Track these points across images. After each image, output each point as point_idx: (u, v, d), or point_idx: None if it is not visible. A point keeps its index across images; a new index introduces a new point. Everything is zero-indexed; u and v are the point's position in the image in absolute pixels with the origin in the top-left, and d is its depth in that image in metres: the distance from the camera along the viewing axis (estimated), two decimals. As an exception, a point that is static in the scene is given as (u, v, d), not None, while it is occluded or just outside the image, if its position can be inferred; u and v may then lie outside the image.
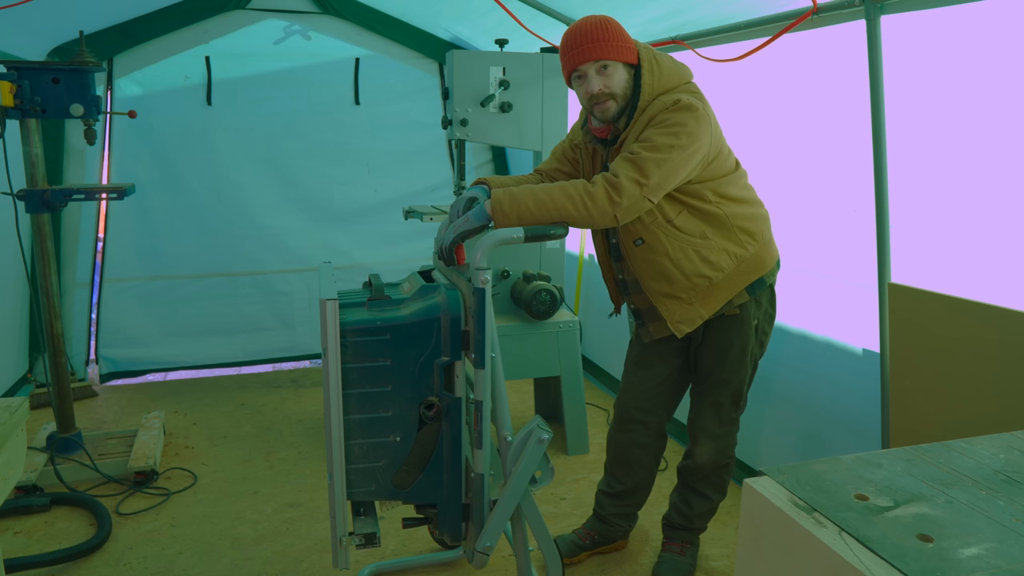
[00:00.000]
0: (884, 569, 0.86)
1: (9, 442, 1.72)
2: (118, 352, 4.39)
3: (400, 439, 1.89)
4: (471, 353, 1.87)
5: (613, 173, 1.93)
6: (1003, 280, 2.01)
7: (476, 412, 1.89)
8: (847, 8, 2.30)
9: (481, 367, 1.86)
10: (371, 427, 1.85)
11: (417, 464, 1.92)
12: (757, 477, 1.07)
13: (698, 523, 2.48)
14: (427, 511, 2.02)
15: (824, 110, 2.59)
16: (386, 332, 1.83)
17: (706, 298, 2.16)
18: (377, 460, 1.88)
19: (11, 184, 2.95)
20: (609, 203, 1.90)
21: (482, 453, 1.91)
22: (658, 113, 1.99)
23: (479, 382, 1.87)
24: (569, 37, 2.07)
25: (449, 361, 1.87)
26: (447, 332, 1.85)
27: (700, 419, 2.37)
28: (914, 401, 2.18)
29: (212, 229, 4.46)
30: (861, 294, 2.47)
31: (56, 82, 2.87)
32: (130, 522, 2.84)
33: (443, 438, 1.91)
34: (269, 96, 4.44)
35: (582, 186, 1.92)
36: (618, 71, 2.05)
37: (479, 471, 1.92)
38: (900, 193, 2.29)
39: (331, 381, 1.77)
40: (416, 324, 1.84)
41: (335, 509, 1.84)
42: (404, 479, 1.92)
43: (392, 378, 1.84)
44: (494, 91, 3.30)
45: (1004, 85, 1.99)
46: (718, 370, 2.29)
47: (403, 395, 1.87)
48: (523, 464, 1.90)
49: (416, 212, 3.35)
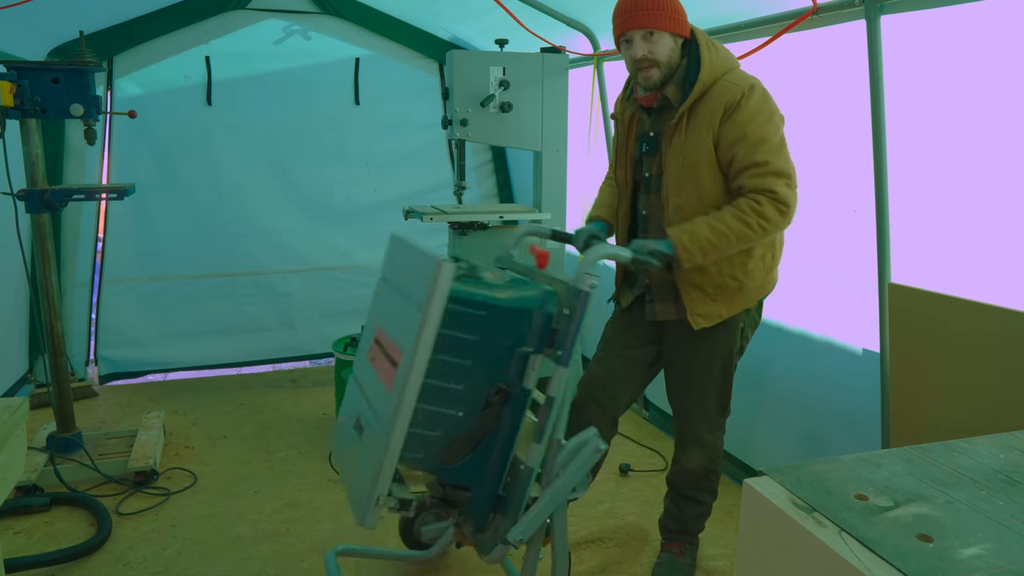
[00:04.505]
0: (884, 569, 0.86)
1: (9, 442, 1.72)
2: (117, 353, 4.39)
3: (463, 415, 1.90)
4: (555, 350, 1.90)
5: (766, 188, 2.02)
6: (1003, 280, 2.01)
7: (545, 407, 1.91)
8: (847, 8, 2.30)
9: (565, 365, 1.89)
10: (440, 395, 1.86)
11: (468, 444, 1.92)
12: (757, 477, 1.07)
13: (693, 526, 2.49)
14: (458, 494, 2.00)
15: (824, 110, 2.59)
16: (484, 309, 1.87)
17: (730, 299, 2.20)
18: (434, 429, 1.88)
19: (11, 184, 2.95)
20: (782, 216, 2.04)
21: (539, 448, 1.92)
22: (740, 102, 2.04)
23: (558, 380, 1.90)
24: (622, 2, 2.11)
25: (531, 353, 1.90)
26: (537, 326, 1.90)
27: (691, 428, 2.36)
28: (914, 401, 2.18)
29: (212, 229, 4.46)
30: (861, 294, 2.47)
31: (56, 82, 2.87)
32: (130, 522, 2.84)
33: (500, 425, 1.92)
34: (269, 96, 4.44)
35: (749, 208, 2.03)
36: (664, 39, 2.08)
37: (531, 465, 1.92)
38: (900, 193, 2.29)
39: (423, 339, 1.75)
40: (512, 310, 1.89)
41: (382, 466, 1.79)
42: (453, 455, 1.92)
43: (474, 354, 1.87)
44: (494, 91, 3.30)
45: (1004, 85, 1.99)
46: (706, 378, 2.29)
47: (479, 373, 1.89)
48: (574, 469, 1.93)
49: (416, 212, 3.35)
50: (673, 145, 2.14)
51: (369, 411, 1.91)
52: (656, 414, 3.80)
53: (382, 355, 1.93)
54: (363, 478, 1.84)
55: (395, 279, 2.01)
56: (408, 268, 1.93)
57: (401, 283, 1.95)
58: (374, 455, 1.81)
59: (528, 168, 4.06)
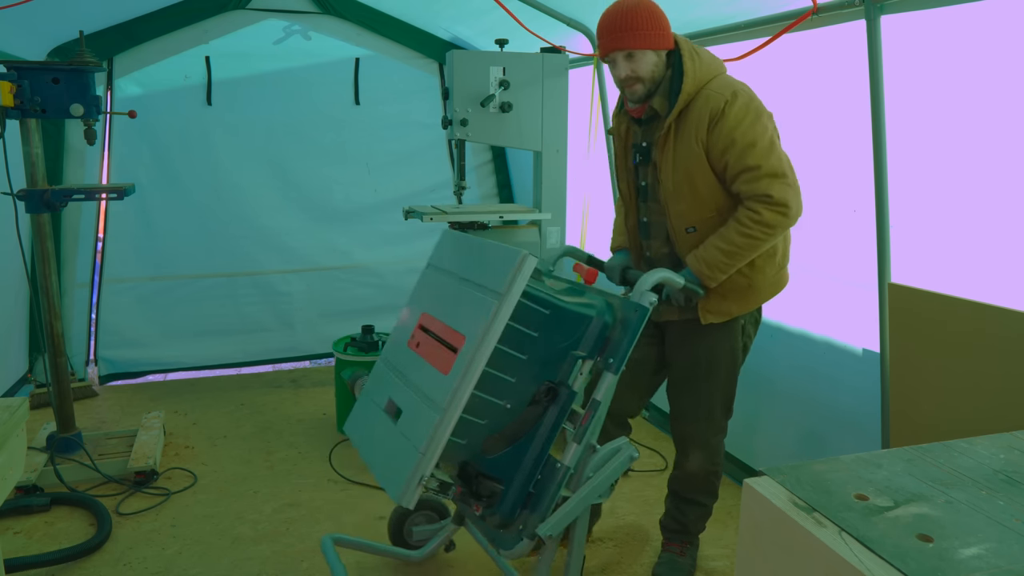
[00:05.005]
0: (884, 569, 0.86)
1: (9, 442, 1.72)
2: (117, 354, 4.39)
3: (510, 407, 1.96)
4: (606, 358, 1.95)
5: (761, 193, 2.07)
6: (1003, 280, 2.01)
7: (589, 410, 1.95)
8: (847, 8, 2.30)
9: (615, 373, 1.94)
10: (493, 384, 1.91)
11: (510, 437, 1.97)
12: (757, 477, 1.07)
13: (694, 527, 2.51)
14: (489, 485, 2.01)
15: (824, 110, 2.59)
16: (548, 308, 1.96)
17: (742, 297, 2.23)
18: (482, 417, 1.93)
19: (11, 184, 2.95)
20: (784, 216, 2.09)
21: (579, 449, 1.95)
22: (724, 109, 2.07)
23: (606, 385, 1.95)
24: (601, 23, 2.17)
25: (583, 357, 1.96)
26: (594, 332, 1.97)
27: (694, 431, 2.37)
28: (914, 401, 2.18)
29: (212, 229, 4.46)
30: (861, 294, 2.47)
31: (56, 82, 2.87)
32: (130, 522, 2.84)
33: (542, 424, 1.96)
34: (269, 96, 4.44)
35: (749, 220, 2.08)
36: (646, 56, 2.14)
37: (569, 464, 1.95)
38: (900, 193, 2.29)
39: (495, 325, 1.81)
40: (575, 315, 2.00)
41: (431, 446, 1.81)
42: (493, 445, 1.98)
43: (531, 350, 1.95)
44: (494, 91, 3.30)
45: (1004, 85, 1.99)
46: (709, 377, 2.31)
47: (532, 369, 1.97)
48: (608, 472, 1.96)
49: (416, 212, 3.35)
50: (665, 155, 2.19)
51: (412, 394, 1.96)
52: (656, 414, 3.80)
53: (432, 341, 1.99)
54: (402, 458, 1.87)
55: (458, 269, 2.07)
56: (480, 259, 1.99)
57: (469, 273, 2.00)
58: (419, 435, 1.84)
59: (528, 168, 4.06)
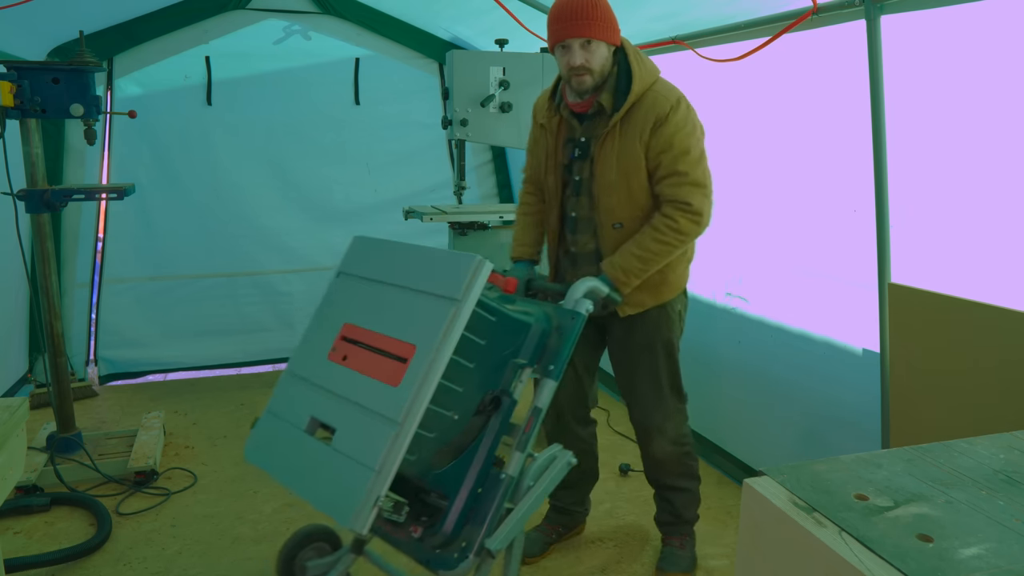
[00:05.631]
0: (884, 569, 0.86)
1: (9, 442, 1.72)
2: (117, 354, 4.38)
3: (457, 418, 1.90)
4: (546, 365, 1.98)
5: (681, 200, 2.18)
6: (1003, 280, 2.01)
7: (531, 417, 1.96)
8: (847, 8, 2.30)
9: (556, 379, 1.97)
10: (444, 395, 1.83)
11: (455, 450, 1.93)
12: (757, 477, 1.07)
13: (686, 515, 2.55)
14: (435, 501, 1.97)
15: (824, 110, 2.59)
16: (495, 315, 1.92)
17: (655, 290, 2.34)
18: (431, 430, 1.84)
19: (11, 184, 2.94)
20: (696, 225, 2.21)
21: (522, 457, 1.95)
22: (669, 114, 2.17)
23: (545, 391, 1.98)
24: (561, 9, 2.18)
25: (524, 365, 1.97)
26: (533, 340, 2.00)
27: (648, 417, 2.44)
28: (914, 401, 2.18)
29: (212, 229, 4.45)
30: (861, 294, 2.47)
31: (56, 82, 2.87)
32: (130, 522, 2.84)
33: (485, 433, 1.95)
34: (269, 96, 4.44)
35: (665, 227, 2.19)
36: (600, 48, 2.19)
37: (512, 474, 1.94)
38: (900, 193, 2.29)
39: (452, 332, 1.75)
40: (515, 321, 1.99)
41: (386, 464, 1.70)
42: (441, 459, 1.92)
43: (478, 358, 1.90)
44: (494, 91, 3.30)
45: (1004, 85, 1.98)
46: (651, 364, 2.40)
47: (479, 377, 1.93)
48: (549, 480, 1.97)
49: (416, 212, 3.35)
50: (605, 150, 2.25)
51: (350, 410, 1.83)
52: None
53: (367, 352, 1.87)
54: (349, 478, 1.74)
55: (390, 277, 1.97)
56: (425, 265, 1.92)
57: (409, 280, 1.92)
58: (370, 453, 1.73)
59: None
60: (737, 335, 3.12)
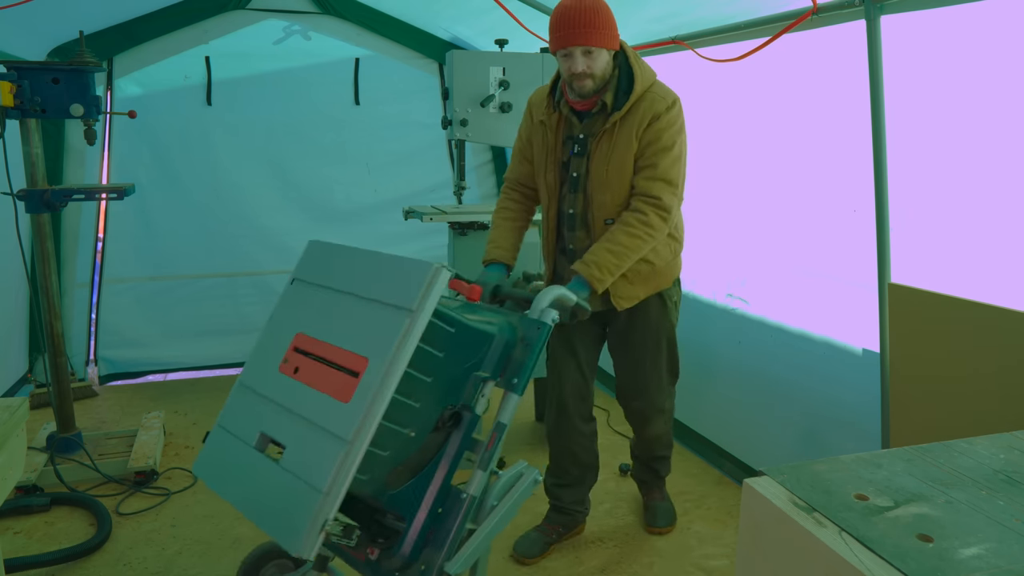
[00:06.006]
0: (884, 569, 0.86)
1: (9, 442, 1.72)
2: (117, 354, 4.38)
3: (414, 435, 1.79)
4: (509, 378, 1.90)
5: (653, 195, 2.27)
6: (1003, 280, 2.01)
7: (495, 433, 1.87)
8: (847, 8, 2.30)
9: (519, 394, 1.89)
10: (398, 411, 1.72)
11: (412, 468, 1.83)
12: (757, 477, 1.07)
13: (664, 473, 2.82)
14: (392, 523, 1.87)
15: (824, 110, 2.59)
16: (453, 325, 1.82)
17: (646, 281, 2.44)
18: (385, 448, 1.73)
19: (11, 184, 2.94)
20: (664, 222, 2.29)
21: (485, 476, 1.86)
22: (663, 112, 2.27)
23: (509, 406, 1.90)
24: (562, 16, 2.22)
25: (486, 378, 1.88)
26: (496, 352, 1.91)
27: (650, 400, 2.59)
28: (914, 401, 2.18)
29: (212, 229, 4.45)
30: (861, 294, 2.47)
31: (56, 82, 2.87)
32: (130, 522, 2.84)
33: (444, 451, 1.85)
34: (269, 96, 4.44)
35: (636, 221, 2.27)
36: (601, 55, 2.25)
37: (474, 493, 1.85)
38: (900, 193, 2.29)
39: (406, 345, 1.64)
40: (476, 332, 1.89)
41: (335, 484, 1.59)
42: (397, 479, 1.81)
43: (436, 371, 1.80)
44: (494, 91, 3.30)
45: (1004, 85, 1.98)
46: (655, 352, 2.53)
47: (437, 392, 1.82)
48: (515, 499, 1.89)
49: (416, 212, 3.35)
50: (602, 147, 2.33)
51: (299, 427, 1.72)
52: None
53: (318, 365, 1.77)
54: (296, 500, 1.63)
55: (344, 284, 1.86)
56: (380, 272, 1.81)
57: (363, 288, 1.81)
58: (318, 473, 1.61)
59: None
60: (737, 335, 3.12)
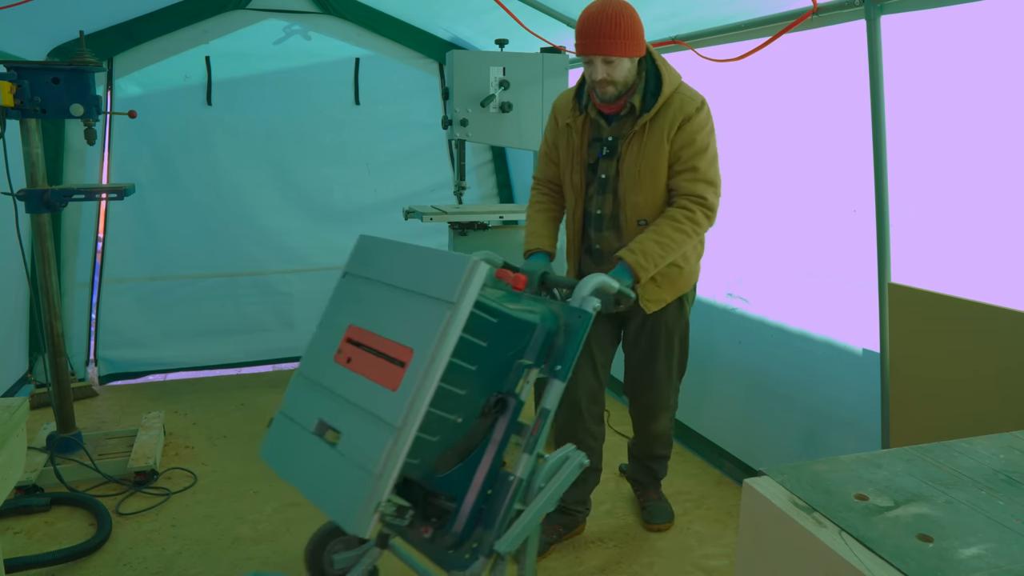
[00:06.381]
0: (884, 569, 0.86)
1: (9, 442, 1.72)
2: (117, 354, 4.38)
3: (461, 421, 1.89)
4: (552, 365, 1.97)
5: (698, 195, 2.33)
6: (1003, 280, 2.01)
7: (539, 419, 1.95)
8: (847, 8, 2.30)
9: (563, 380, 1.96)
10: (445, 399, 1.82)
11: (460, 452, 1.92)
12: (757, 477, 1.07)
13: (661, 474, 2.84)
14: (443, 505, 1.98)
15: (824, 110, 2.59)
16: (496, 316, 1.91)
17: (672, 284, 2.50)
18: (434, 434, 1.84)
19: (11, 184, 2.94)
20: (709, 220, 2.36)
21: (531, 459, 1.94)
22: (694, 115, 2.31)
23: (553, 393, 1.97)
24: (585, 24, 2.26)
25: (529, 365, 1.95)
26: (539, 340, 1.98)
27: (660, 399, 2.64)
28: (914, 401, 2.18)
29: (212, 229, 4.45)
30: (861, 294, 2.47)
31: (56, 82, 2.87)
32: (130, 522, 2.84)
33: (491, 436, 1.94)
34: (269, 96, 4.44)
35: (683, 217, 2.32)
36: (623, 63, 2.28)
37: (522, 476, 1.93)
38: (900, 193, 2.29)
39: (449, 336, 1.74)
40: (519, 322, 1.97)
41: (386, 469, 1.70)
42: (446, 463, 1.91)
43: (480, 360, 1.89)
44: (494, 91, 3.30)
45: (1004, 85, 1.98)
46: (668, 352, 2.58)
47: (482, 380, 1.91)
48: (560, 480, 1.96)
49: (416, 212, 3.35)
50: (632, 148, 2.37)
51: (353, 414, 1.84)
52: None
53: (368, 355, 1.87)
54: (351, 484, 1.75)
55: (390, 278, 1.97)
56: (422, 266, 1.91)
57: (408, 282, 1.91)
58: (371, 458, 1.73)
59: (528, 168, 4.07)
60: (737, 335, 3.12)
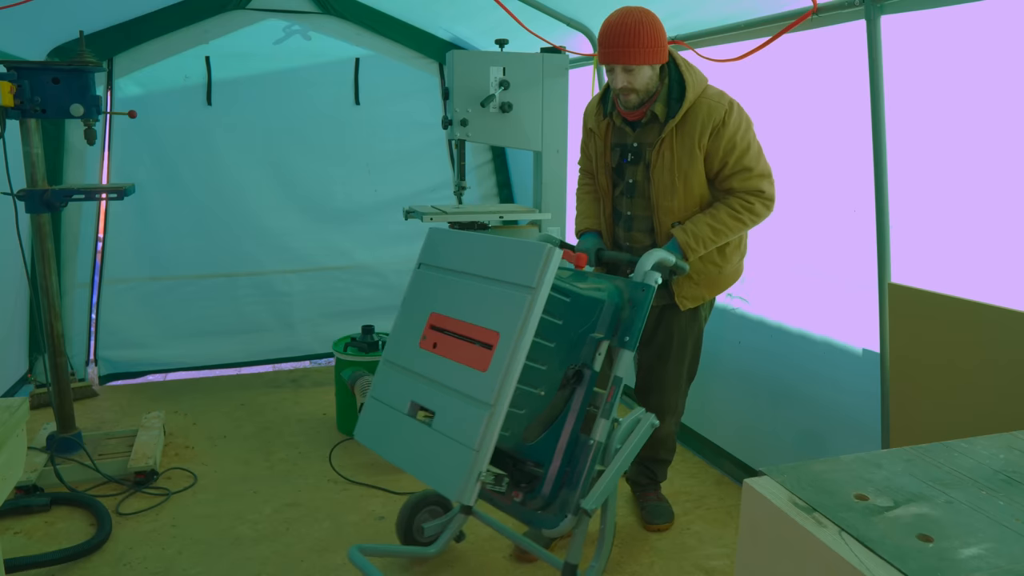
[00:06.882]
0: (884, 569, 0.86)
1: (9, 442, 1.72)
2: (117, 354, 4.38)
3: (544, 394, 2.08)
4: (620, 336, 2.12)
5: (757, 188, 2.39)
6: (1003, 280, 2.01)
7: (612, 386, 2.08)
8: (847, 8, 2.30)
9: (632, 349, 2.11)
10: (529, 375, 2.01)
11: (544, 422, 2.09)
12: (757, 477, 1.07)
13: (661, 477, 2.86)
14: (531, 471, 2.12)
15: (824, 110, 2.59)
16: (568, 296, 2.10)
17: (711, 283, 2.54)
18: (521, 407, 2.03)
19: (11, 184, 2.94)
20: (767, 210, 2.43)
21: (608, 423, 2.07)
22: (726, 119, 2.35)
23: (623, 362, 2.11)
24: (605, 33, 2.31)
25: (601, 339, 2.11)
26: (608, 314, 2.14)
27: (668, 400, 2.66)
28: (914, 401, 2.18)
29: (212, 229, 4.45)
30: (861, 294, 2.47)
31: (56, 82, 2.87)
32: (130, 522, 2.84)
33: (571, 404, 2.09)
34: (269, 96, 4.44)
35: (740, 206, 2.39)
36: (643, 71, 2.34)
37: (600, 440, 2.07)
38: (900, 193, 2.29)
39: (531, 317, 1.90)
40: (588, 299, 2.16)
41: (484, 442, 1.88)
42: (532, 433, 2.09)
43: (557, 337, 2.09)
44: (494, 91, 3.30)
45: (1004, 85, 1.98)
46: (681, 353, 2.61)
47: (560, 355, 2.12)
48: (636, 442, 2.10)
49: (416, 212, 3.35)
50: (662, 156, 2.41)
51: (445, 395, 2.02)
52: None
53: (455, 340, 2.04)
54: (452, 457, 1.93)
55: (468, 267, 2.12)
56: (498, 255, 2.06)
57: (486, 270, 2.07)
58: (468, 434, 1.91)
59: (528, 168, 4.06)
60: (737, 335, 3.12)
